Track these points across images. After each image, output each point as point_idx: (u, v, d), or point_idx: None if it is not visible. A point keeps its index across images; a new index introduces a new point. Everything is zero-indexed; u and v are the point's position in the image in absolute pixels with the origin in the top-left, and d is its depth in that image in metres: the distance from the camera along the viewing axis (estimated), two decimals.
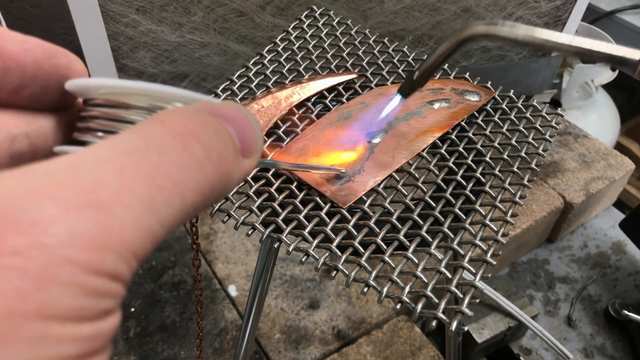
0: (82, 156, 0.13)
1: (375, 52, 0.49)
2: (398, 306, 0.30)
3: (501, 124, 0.43)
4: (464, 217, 0.34)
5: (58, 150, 0.18)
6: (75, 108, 0.19)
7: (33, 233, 0.11)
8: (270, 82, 0.45)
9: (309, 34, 0.50)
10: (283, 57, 0.48)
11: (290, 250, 0.32)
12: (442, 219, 0.34)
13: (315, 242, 0.32)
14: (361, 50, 0.49)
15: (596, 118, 1.23)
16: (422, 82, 0.36)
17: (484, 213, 0.35)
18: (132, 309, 0.76)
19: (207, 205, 0.15)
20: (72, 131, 0.18)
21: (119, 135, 0.14)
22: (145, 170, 0.13)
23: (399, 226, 0.34)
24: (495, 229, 0.34)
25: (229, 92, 0.44)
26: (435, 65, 0.35)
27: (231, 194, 0.35)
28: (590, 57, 0.28)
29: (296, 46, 0.49)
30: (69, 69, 0.18)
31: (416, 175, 0.37)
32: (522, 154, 0.40)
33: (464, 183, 0.37)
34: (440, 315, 0.29)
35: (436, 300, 0.29)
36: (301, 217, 0.34)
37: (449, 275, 0.31)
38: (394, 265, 0.31)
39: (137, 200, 0.13)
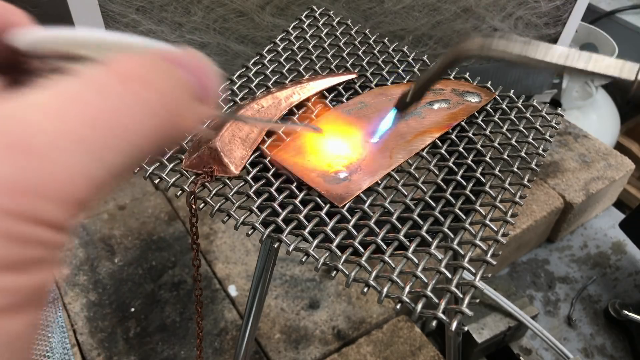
0: (14, 101, 0.12)
1: (375, 52, 0.49)
2: (398, 306, 0.30)
3: (501, 124, 0.43)
4: (464, 217, 0.34)
5: None
6: (25, 65, 0.18)
7: None
8: (270, 82, 0.45)
9: (309, 34, 0.50)
10: (283, 57, 0.48)
11: (290, 250, 0.32)
12: (442, 219, 0.34)
13: (315, 242, 0.32)
14: (361, 50, 0.49)
15: (596, 118, 1.23)
16: (418, 99, 0.37)
17: (484, 213, 0.35)
18: (132, 309, 0.76)
19: (159, 151, 0.15)
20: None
21: (57, 79, 0.13)
22: (84, 112, 0.12)
23: (399, 226, 0.34)
24: (495, 229, 0.34)
25: (229, 92, 0.44)
26: (430, 81, 0.36)
27: (231, 193, 0.35)
28: (585, 75, 0.29)
29: (296, 46, 0.49)
30: (9, 22, 0.17)
31: (416, 175, 0.37)
32: (522, 154, 0.40)
33: (464, 183, 0.37)
34: (440, 315, 0.29)
35: (436, 300, 0.29)
36: (301, 217, 0.34)
37: (449, 275, 0.31)
38: (394, 265, 0.31)
39: (76, 144, 0.12)
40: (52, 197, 0.11)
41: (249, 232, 0.34)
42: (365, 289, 0.31)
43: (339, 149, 0.39)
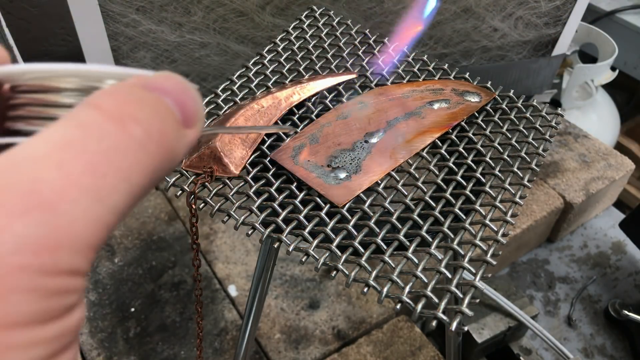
0: (15, 156, 0.12)
1: (375, 52, 0.49)
2: (398, 306, 0.30)
3: (501, 124, 0.43)
4: (464, 217, 0.34)
5: None
6: (4, 97, 0.18)
7: None
8: (270, 82, 0.45)
9: (309, 34, 0.50)
10: (283, 57, 0.48)
11: (290, 250, 0.32)
12: (442, 219, 0.34)
13: (315, 242, 0.32)
14: (361, 50, 0.49)
15: (596, 118, 1.23)
16: None
17: (484, 213, 0.35)
18: (132, 309, 0.76)
19: (156, 183, 0.15)
20: (3, 121, 0.17)
21: (52, 128, 0.13)
22: (85, 160, 0.13)
23: (399, 226, 0.34)
24: (495, 229, 0.34)
25: (229, 92, 0.44)
26: None
27: (231, 193, 0.35)
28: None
29: (296, 46, 0.49)
30: None
31: (416, 175, 0.37)
32: (522, 154, 0.40)
33: (464, 183, 0.37)
34: (440, 315, 0.29)
35: (436, 300, 0.29)
36: (301, 217, 0.34)
37: (449, 275, 0.31)
38: (394, 265, 0.31)
39: (83, 192, 0.12)
40: (71, 248, 0.12)
41: (249, 232, 0.34)
42: (365, 289, 0.31)
43: (339, 149, 0.39)
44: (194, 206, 0.35)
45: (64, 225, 0.12)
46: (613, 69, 1.16)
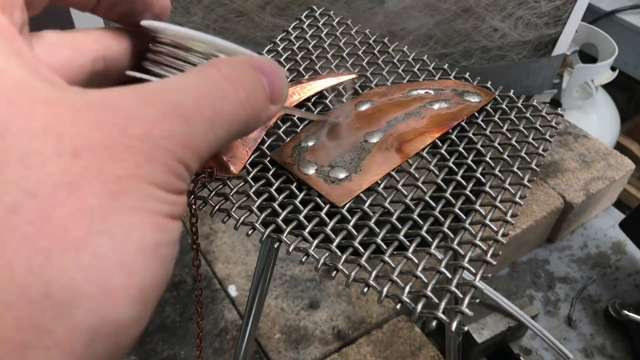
0: (167, 85, 0.18)
1: (375, 52, 0.49)
2: (398, 306, 0.30)
3: (501, 124, 0.43)
4: (464, 217, 0.34)
5: (130, 74, 0.23)
6: (142, 44, 0.24)
7: (146, 127, 0.16)
8: None
9: (309, 34, 0.50)
10: (283, 57, 0.48)
11: (290, 250, 0.32)
12: (442, 219, 0.34)
13: (315, 242, 0.32)
14: (361, 50, 0.49)
15: (596, 118, 1.23)
16: None
17: (484, 213, 0.35)
18: None
19: (242, 134, 0.21)
20: (135, 60, 0.24)
21: (189, 74, 0.19)
22: (209, 100, 0.18)
23: (399, 226, 0.34)
24: (496, 229, 0.34)
25: None
26: None
27: (231, 193, 0.35)
28: None
29: (296, 46, 0.49)
30: (148, 5, 0.23)
31: (416, 175, 0.37)
32: (522, 154, 0.40)
33: (464, 183, 0.37)
34: (440, 315, 0.29)
35: (436, 300, 0.29)
36: (301, 217, 0.34)
37: (449, 275, 0.31)
38: (394, 265, 0.31)
39: (205, 119, 0.18)
40: (192, 150, 0.17)
41: (249, 232, 0.34)
42: (365, 289, 0.31)
43: (338, 149, 0.39)
44: (194, 206, 0.35)
45: (192, 134, 0.17)
46: (613, 69, 1.16)
